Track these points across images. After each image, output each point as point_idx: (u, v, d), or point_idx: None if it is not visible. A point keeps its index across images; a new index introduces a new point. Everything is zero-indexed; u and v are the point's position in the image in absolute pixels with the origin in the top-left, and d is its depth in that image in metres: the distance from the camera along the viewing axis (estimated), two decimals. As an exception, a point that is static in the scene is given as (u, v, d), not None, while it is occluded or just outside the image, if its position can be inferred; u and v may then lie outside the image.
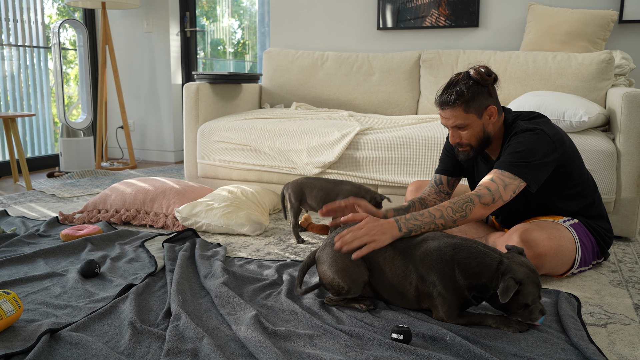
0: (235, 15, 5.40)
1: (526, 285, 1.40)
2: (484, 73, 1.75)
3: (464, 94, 1.74)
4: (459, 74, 1.79)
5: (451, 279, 1.47)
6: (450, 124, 1.80)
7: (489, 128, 1.81)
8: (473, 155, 1.85)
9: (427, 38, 3.74)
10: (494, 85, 1.79)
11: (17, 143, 3.47)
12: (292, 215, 2.33)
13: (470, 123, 1.78)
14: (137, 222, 2.55)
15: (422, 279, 1.50)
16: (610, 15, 3.10)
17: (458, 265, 1.47)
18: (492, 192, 1.66)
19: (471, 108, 1.75)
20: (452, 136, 1.83)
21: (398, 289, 1.54)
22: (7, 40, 4.12)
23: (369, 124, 2.91)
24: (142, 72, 4.86)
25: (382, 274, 1.56)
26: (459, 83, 1.76)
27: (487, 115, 1.79)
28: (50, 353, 1.29)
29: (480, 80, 1.75)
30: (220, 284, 1.67)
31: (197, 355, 1.28)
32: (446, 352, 1.32)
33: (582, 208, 1.93)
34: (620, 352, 1.36)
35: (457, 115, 1.77)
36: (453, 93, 1.75)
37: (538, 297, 1.42)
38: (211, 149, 3.08)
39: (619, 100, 2.37)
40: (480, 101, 1.76)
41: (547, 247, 1.76)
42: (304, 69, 3.69)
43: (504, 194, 1.68)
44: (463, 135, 1.81)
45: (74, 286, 1.74)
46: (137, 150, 5.00)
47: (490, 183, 1.69)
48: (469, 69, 1.78)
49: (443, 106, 1.78)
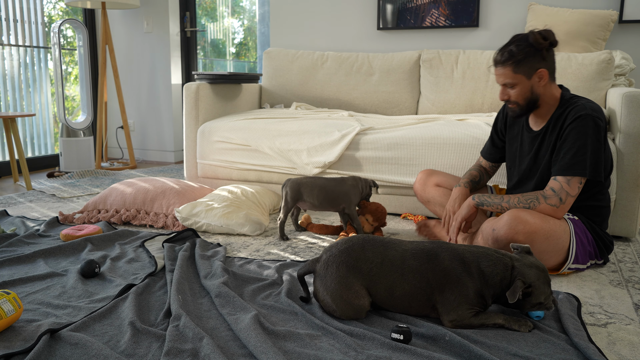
0: (235, 15, 5.40)
1: (537, 287, 1.44)
2: (540, 37, 1.82)
3: (514, 54, 1.83)
4: (518, 34, 1.87)
5: (475, 285, 1.45)
6: (500, 81, 1.90)
7: (538, 90, 1.88)
8: (519, 113, 1.93)
9: (427, 38, 3.74)
10: (549, 50, 1.85)
11: (17, 143, 3.47)
12: (282, 212, 2.34)
13: (518, 82, 1.86)
14: (137, 222, 2.55)
15: (442, 292, 1.46)
16: (610, 15, 3.10)
17: (481, 275, 1.46)
18: (557, 191, 1.81)
19: (520, 69, 1.84)
20: (501, 93, 1.92)
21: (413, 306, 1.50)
22: (7, 40, 4.12)
23: (369, 124, 2.91)
24: (142, 72, 4.86)
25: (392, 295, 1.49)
26: (513, 43, 1.85)
27: (537, 77, 1.86)
28: (50, 353, 1.29)
29: (534, 43, 1.82)
30: (220, 284, 1.67)
31: (197, 355, 1.28)
32: (446, 352, 1.32)
33: (588, 207, 1.93)
34: (620, 352, 1.36)
35: (506, 74, 1.87)
36: (505, 53, 1.85)
37: (549, 293, 1.46)
38: (211, 149, 3.08)
39: (619, 100, 2.37)
40: (531, 63, 1.83)
41: (538, 226, 1.77)
42: (304, 69, 3.69)
43: (570, 190, 1.81)
44: (511, 93, 1.90)
45: (74, 286, 1.74)
46: (137, 150, 5.00)
47: (554, 183, 1.82)
48: (529, 31, 1.85)
49: (495, 64, 1.89)
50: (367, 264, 1.49)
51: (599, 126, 1.80)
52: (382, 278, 1.48)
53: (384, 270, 1.48)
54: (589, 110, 1.81)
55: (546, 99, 1.91)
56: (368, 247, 1.52)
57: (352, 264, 1.49)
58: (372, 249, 1.51)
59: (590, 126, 1.79)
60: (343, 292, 1.47)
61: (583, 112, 1.80)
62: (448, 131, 2.64)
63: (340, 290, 1.47)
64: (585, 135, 1.79)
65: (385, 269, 1.49)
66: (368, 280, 1.49)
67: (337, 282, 1.48)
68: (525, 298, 1.45)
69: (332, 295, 1.48)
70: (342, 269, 1.48)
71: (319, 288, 1.53)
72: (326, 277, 1.50)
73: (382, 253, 1.51)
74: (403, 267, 1.49)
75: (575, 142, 1.80)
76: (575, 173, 1.80)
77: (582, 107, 1.82)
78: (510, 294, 1.41)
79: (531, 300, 1.45)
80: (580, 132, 1.80)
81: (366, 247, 1.52)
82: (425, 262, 1.48)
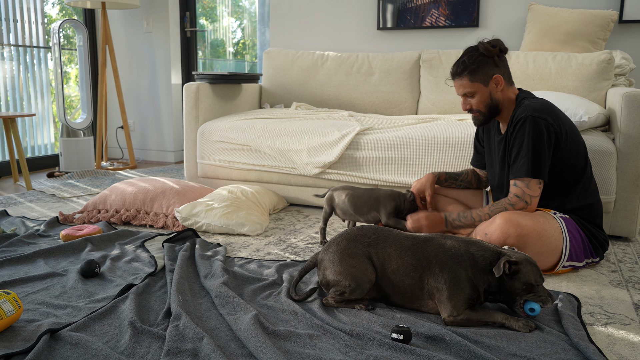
0: (235, 15, 5.40)
1: (524, 265, 1.47)
2: (489, 45, 1.91)
3: (468, 65, 1.92)
4: (469, 47, 1.97)
5: (466, 270, 1.50)
6: (460, 92, 1.98)
7: (496, 95, 1.96)
8: (483, 120, 2.00)
9: (427, 38, 3.74)
10: (500, 56, 1.94)
11: (17, 143, 3.47)
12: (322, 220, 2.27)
13: (476, 91, 1.95)
14: (137, 222, 2.55)
15: (433, 273, 1.52)
16: (610, 15, 3.10)
17: (474, 257, 1.51)
18: (521, 196, 1.87)
19: (476, 77, 1.93)
20: (463, 103, 2.00)
21: (404, 283, 1.55)
22: (7, 40, 4.12)
23: (369, 124, 2.91)
24: (142, 72, 4.86)
25: (388, 268, 1.57)
26: (465, 55, 1.94)
27: (494, 83, 1.94)
28: (50, 353, 1.29)
29: (484, 52, 1.91)
30: (220, 284, 1.67)
31: (197, 355, 1.28)
32: (446, 352, 1.32)
33: (577, 208, 1.94)
34: (620, 352, 1.36)
35: (464, 85, 1.95)
36: (460, 64, 1.94)
37: (540, 278, 1.48)
38: (211, 149, 3.08)
39: (618, 100, 2.37)
40: (485, 71, 1.92)
41: (530, 227, 1.80)
42: (304, 69, 3.69)
43: (532, 192, 1.87)
44: (472, 102, 1.97)
45: (74, 286, 1.74)
46: (137, 150, 5.00)
47: (516, 189, 1.89)
48: (478, 42, 1.93)
49: (453, 77, 1.98)
50: (365, 238, 1.63)
51: (539, 125, 1.84)
52: (379, 249, 1.60)
53: (379, 243, 1.61)
54: (529, 111, 1.86)
55: (505, 103, 1.98)
56: (365, 228, 1.67)
57: (352, 238, 1.63)
58: (368, 229, 1.66)
59: (531, 127, 1.84)
60: (347, 259, 1.58)
61: (523, 115, 1.86)
62: (448, 131, 2.64)
63: (344, 259, 1.58)
64: (527, 136, 1.85)
65: (380, 242, 1.61)
66: (367, 249, 1.60)
67: (339, 254, 1.59)
68: (513, 276, 1.47)
69: (336, 265, 1.58)
70: (343, 243, 1.62)
71: (324, 268, 1.61)
72: (328, 253, 1.62)
73: (378, 232, 1.65)
74: (397, 244, 1.60)
75: (520, 145, 1.87)
76: (530, 175, 1.86)
77: (523, 109, 1.88)
78: (495, 268, 1.46)
79: (520, 279, 1.46)
80: (522, 134, 1.86)
81: (364, 228, 1.67)
82: (417, 243, 1.59)
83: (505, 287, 1.49)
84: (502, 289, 1.50)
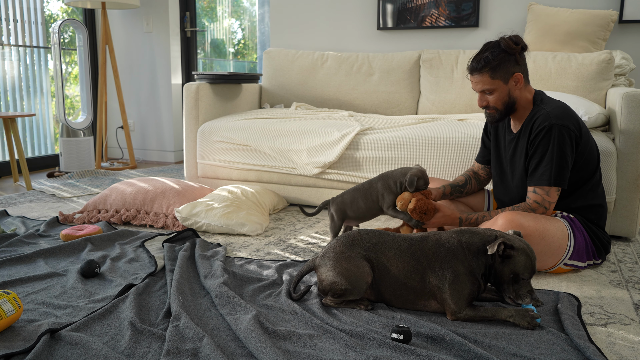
0: (235, 15, 5.40)
1: (519, 253, 1.48)
2: (512, 42, 1.86)
3: (490, 61, 1.86)
4: (489, 42, 1.91)
5: (462, 262, 1.51)
6: (478, 88, 1.93)
7: (515, 94, 1.92)
8: (498, 118, 1.97)
9: (427, 38, 3.74)
10: (521, 54, 1.90)
11: (17, 143, 3.47)
12: (331, 234, 2.17)
13: (496, 88, 1.90)
14: (137, 222, 2.55)
15: (434, 270, 1.53)
16: (610, 15, 3.10)
17: (465, 245, 1.53)
18: (541, 203, 1.88)
19: (497, 74, 1.88)
20: (480, 99, 1.95)
21: (406, 286, 1.55)
22: (7, 40, 4.12)
23: (369, 124, 2.91)
24: (142, 72, 4.86)
25: (388, 272, 1.57)
26: (487, 50, 1.88)
27: (514, 81, 1.90)
28: (50, 353, 1.29)
29: (507, 49, 1.86)
30: (220, 284, 1.67)
31: (197, 355, 1.28)
32: (446, 352, 1.32)
33: (583, 208, 1.94)
34: (620, 352, 1.36)
35: (484, 81, 1.90)
36: (481, 60, 1.88)
37: (529, 273, 1.48)
38: (211, 149, 3.08)
39: (619, 100, 2.37)
40: (506, 68, 1.87)
41: (532, 228, 1.80)
42: (304, 69, 3.69)
43: (551, 198, 1.88)
44: (490, 99, 1.93)
45: (74, 286, 1.74)
46: (137, 150, 5.00)
47: (536, 196, 1.89)
48: (500, 37, 1.88)
49: (472, 72, 1.92)
50: (364, 242, 1.62)
51: (563, 134, 1.84)
52: (378, 254, 1.59)
53: (379, 248, 1.60)
54: (553, 119, 1.84)
55: (522, 102, 1.95)
56: (363, 233, 1.66)
57: (350, 242, 1.62)
58: (367, 233, 1.65)
59: (556, 136, 1.84)
60: (343, 263, 1.57)
61: (547, 123, 1.85)
62: (448, 131, 2.64)
63: (341, 262, 1.57)
64: (552, 146, 1.84)
65: (379, 247, 1.60)
66: (366, 253, 1.59)
67: (336, 258, 1.59)
68: (504, 260, 1.48)
69: (333, 268, 1.57)
70: (340, 247, 1.61)
71: (321, 271, 1.61)
72: (325, 258, 1.61)
73: (376, 236, 1.64)
74: (395, 247, 1.60)
75: (543, 153, 1.86)
76: (552, 184, 1.86)
77: (546, 117, 1.86)
78: (490, 246, 1.47)
79: (509, 265, 1.47)
80: (547, 143, 1.85)
81: (362, 232, 1.66)
82: (414, 244, 1.59)
83: (495, 270, 1.50)
84: (491, 270, 1.52)
